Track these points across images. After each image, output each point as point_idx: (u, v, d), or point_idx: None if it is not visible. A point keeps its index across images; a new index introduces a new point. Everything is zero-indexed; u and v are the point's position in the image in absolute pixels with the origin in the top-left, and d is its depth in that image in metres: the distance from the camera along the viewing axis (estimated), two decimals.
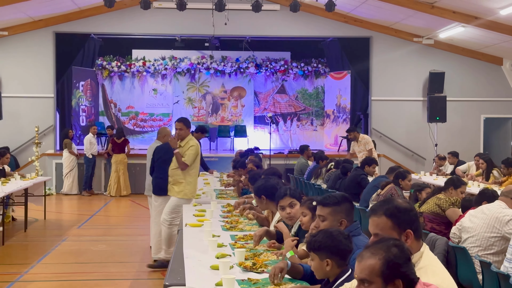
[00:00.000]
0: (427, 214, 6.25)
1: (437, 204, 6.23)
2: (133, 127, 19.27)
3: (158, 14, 16.14)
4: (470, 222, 5.30)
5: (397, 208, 2.90)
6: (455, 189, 6.43)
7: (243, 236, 5.24)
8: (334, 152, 17.82)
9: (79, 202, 14.66)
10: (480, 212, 5.28)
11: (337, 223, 3.69)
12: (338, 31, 16.94)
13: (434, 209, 6.22)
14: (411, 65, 16.98)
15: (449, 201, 6.24)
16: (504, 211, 5.13)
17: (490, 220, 5.14)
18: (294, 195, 4.78)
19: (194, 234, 5.40)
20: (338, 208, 3.72)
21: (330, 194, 3.91)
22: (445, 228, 6.16)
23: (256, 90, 19.54)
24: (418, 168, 16.69)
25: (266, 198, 5.56)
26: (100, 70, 18.86)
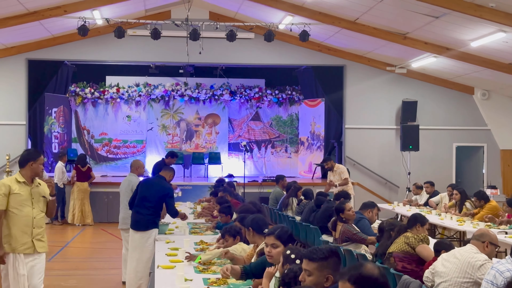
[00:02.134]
0: (397, 253, 6.25)
1: (406, 242, 6.24)
2: (107, 154, 19.13)
3: (132, 42, 16.09)
4: (443, 267, 5.31)
5: (362, 276, 2.88)
6: (421, 226, 6.48)
7: (216, 280, 5.18)
8: (308, 180, 17.85)
9: (51, 232, 14.41)
10: (453, 256, 5.29)
11: (323, 278, 3.58)
12: (312, 60, 17.04)
13: (404, 248, 6.23)
14: (384, 93, 17.13)
15: (417, 238, 6.27)
16: (476, 256, 5.15)
17: (462, 265, 5.15)
18: (281, 237, 4.71)
19: (166, 278, 5.32)
20: (325, 263, 3.59)
21: (317, 247, 3.81)
22: (416, 266, 6.17)
23: (230, 117, 19.55)
24: (391, 196, 16.78)
25: (253, 231, 5.59)
26: (73, 96, 18.73)
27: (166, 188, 7.98)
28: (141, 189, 8.01)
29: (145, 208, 7.80)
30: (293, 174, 19.08)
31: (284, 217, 10.88)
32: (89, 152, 18.81)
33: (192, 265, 5.84)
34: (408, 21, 12.89)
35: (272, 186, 15.22)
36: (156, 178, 8.28)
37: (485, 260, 5.12)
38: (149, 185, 7.99)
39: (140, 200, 7.89)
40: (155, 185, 7.98)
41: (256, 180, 16.77)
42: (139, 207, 7.89)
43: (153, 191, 7.86)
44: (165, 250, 6.73)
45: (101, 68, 18.44)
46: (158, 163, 12.46)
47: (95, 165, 18.69)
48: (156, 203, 7.85)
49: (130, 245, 7.99)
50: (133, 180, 8.72)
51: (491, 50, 13.12)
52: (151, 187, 7.91)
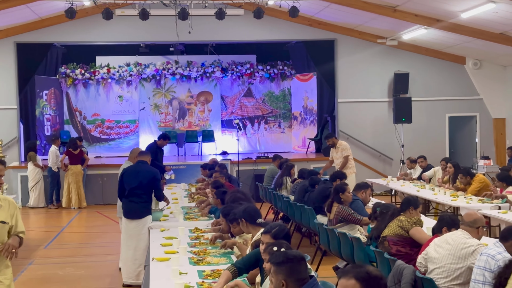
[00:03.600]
0: (391, 237, 6.26)
1: (399, 226, 6.25)
2: (100, 135, 19.05)
3: (121, 22, 15.90)
4: (436, 253, 5.31)
5: (368, 274, 2.91)
6: (415, 209, 6.47)
7: (210, 273, 5.18)
8: (303, 155, 17.85)
9: (46, 216, 14.45)
10: (445, 242, 5.29)
11: (279, 283, 3.51)
12: (303, 34, 16.91)
13: (398, 232, 6.24)
14: (375, 66, 17.05)
15: (411, 221, 6.27)
16: (468, 241, 5.15)
17: (455, 251, 5.15)
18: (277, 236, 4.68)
19: (161, 272, 5.32)
20: (278, 269, 3.54)
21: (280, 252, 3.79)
22: (410, 249, 6.18)
23: (222, 94, 19.46)
24: (385, 169, 16.82)
25: (246, 222, 5.58)
26: (63, 78, 18.58)
27: (153, 171, 8.04)
28: (127, 179, 7.99)
29: (137, 196, 7.85)
30: (287, 149, 19.09)
31: (279, 197, 10.89)
32: (82, 134, 18.70)
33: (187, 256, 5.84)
34: None
35: (266, 163, 15.26)
36: (139, 165, 8.14)
37: (477, 245, 5.13)
38: (136, 173, 7.96)
39: (131, 190, 7.89)
40: (142, 172, 7.96)
41: (250, 157, 16.75)
42: (131, 196, 7.90)
43: (141, 178, 7.89)
44: (159, 240, 6.72)
45: (90, 48, 18.27)
46: (150, 146, 12.40)
47: (88, 146, 18.59)
48: (147, 189, 7.89)
49: (125, 234, 7.98)
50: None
51: (482, 20, 13.03)
52: (138, 175, 7.92)
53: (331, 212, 7.91)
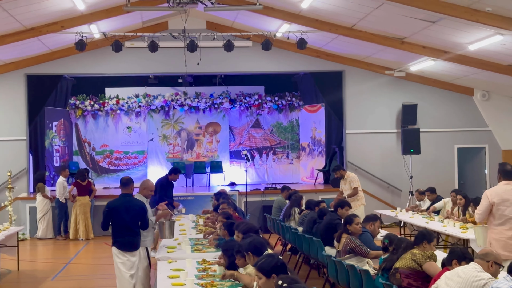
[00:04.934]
0: (404, 269, 6.20)
1: (413, 259, 6.18)
2: (108, 166, 19.11)
3: (130, 54, 16.06)
4: (446, 286, 5.26)
5: None
6: (429, 243, 6.41)
7: None
8: (311, 186, 17.82)
9: (54, 247, 14.43)
10: (456, 275, 5.24)
11: None
12: (311, 66, 17.00)
13: (411, 265, 6.18)
14: (384, 97, 17.08)
15: (425, 255, 6.21)
16: (479, 275, 5.09)
17: (466, 284, 5.09)
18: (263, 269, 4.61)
19: None
20: None
21: None
22: (422, 283, 6.11)
23: (231, 125, 19.53)
24: (394, 200, 16.74)
25: (253, 255, 5.56)
26: (73, 109, 18.72)
27: (140, 206, 7.99)
28: (117, 215, 7.88)
29: (133, 231, 7.88)
30: (295, 180, 19.07)
31: (287, 228, 10.85)
32: (90, 165, 18.80)
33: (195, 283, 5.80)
34: (405, 26, 12.85)
35: (275, 194, 15.22)
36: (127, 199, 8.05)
37: (488, 279, 5.07)
38: (126, 210, 7.87)
39: (124, 226, 7.85)
40: (131, 209, 7.88)
41: (259, 188, 16.73)
42: (127, 231, 7.86)
43: (133, 214, 7.86)
44: (167, 272, 6.69)
45: (100, 80, 18.44)
46: (161, 180, 12.40)
47: (97, 177, 18.69)
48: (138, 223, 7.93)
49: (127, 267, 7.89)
50: None
51: (489, 52, 13.07)
52: (129, 212, 7.85)
53: (340, 243, 7.86)
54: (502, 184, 7.64)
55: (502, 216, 7.51)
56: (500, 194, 7.56)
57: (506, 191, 7.55)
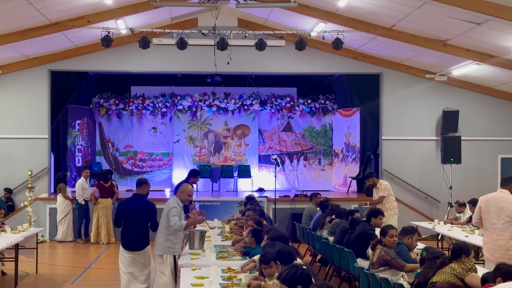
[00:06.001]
0: (442, 284, 6.13)
1: (453, 274, 6.11)
2: (132, 167, 19.28)
3: (158, 51, 16.18)
4: None
5: None
6: (467, 257, 6.33)
7: None
8: (343, 194, 17.74)
9: (74, 251, 14.58)
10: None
11: None
12: (346, 67, 16.95)
13: (451, 279, 6.10)
14: (423, 102, 16.94)
15: (465, 268, 6.15)
16: None
17: None
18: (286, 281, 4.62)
19: None
20: None
21: None
22: None
23: (260, 128, 19.56)
24: (432, 211, 16.58)
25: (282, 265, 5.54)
26: (97, 108, 18.93)
27: (149, 207, 8.50)
28: (125, 215, 8.47)
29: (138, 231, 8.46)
30: (327, 187, 19.02)
31: (317, 238, 10.81)
32: (113, 166, 18.99)
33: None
34: (448, 27, 12.73)
35: (305, 201, 15.16)
36: (136, 200, 8.56)
37: None
38: (134, 210, 8.42)
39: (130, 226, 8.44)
40: (139, 209, 8.42)
41: (288, 195, 16.72)
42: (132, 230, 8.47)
43: (140, 214, 8.41)
44: (190, 279, 6.71)
45: (125, 78, 18.62)
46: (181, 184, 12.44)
47: (120, 179, 18.88)
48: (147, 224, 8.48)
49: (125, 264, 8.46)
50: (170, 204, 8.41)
51: None
52: (136, 212, 8.41)
53: (375, 254, 7.80)
54: (497, 191, 8.56)
55: (485, 221, 8.51)
56: (489, 200, 8.50)
57: (494, 198, 8.47)
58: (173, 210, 8.21)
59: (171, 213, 8.20)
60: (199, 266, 7.49)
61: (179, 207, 8.33)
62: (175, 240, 8.28)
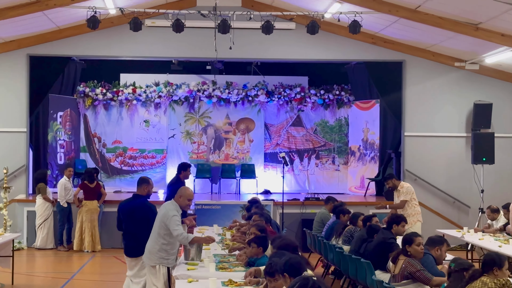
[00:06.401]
0: None
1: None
2: (121, 166, 19.31)
3: (151, 34, 16.21)
4: None
5: None
6: (500, 269, 6.33)
7: None
8: (360, 197, 17.75)
9: (55, 259, 14.61)
10: None
11: None
12: (365, 54, 16.97)
13: None
14: (452, 94, 16.95)
15: (498, 283, 6.15)
16: None
17: None
18: None
19: None
20: None
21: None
22: None
23: (267, 122, 19.57)
24: (460, 218, 16.59)
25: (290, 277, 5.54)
26: (82, 98, 18.95)
27: (146, 210, 8.76)
28: (123, 217, 8.88)
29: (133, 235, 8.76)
30: (342, 190, 19.04)
31: (330, 247, 10.82)
32: (100, 164, 19.03)
33: None
34: (481, 9, 12.71)
35: (317, 206, 15.22)
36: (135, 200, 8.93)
37: None
38: (130, 212, 8.82)
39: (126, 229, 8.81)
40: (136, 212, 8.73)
41: (297, 198, 16.72)
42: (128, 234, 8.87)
43: (136, 217, 8.72)
44: None
45: (114, 64, 18.63)
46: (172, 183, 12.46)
47: (107, 179, 18.92)
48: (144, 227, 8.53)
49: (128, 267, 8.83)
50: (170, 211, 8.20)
51: None
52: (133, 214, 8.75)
53: (396, 266, 7.79)
54: None
55: None
56: None
57: None
58: (175, 219, 8.11)
59: (173, 221, 8.08)
60: (196, 278, 7.49)
61: (179, 215, 8.27)
62: (170, 251, 8.27)
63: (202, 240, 8.53)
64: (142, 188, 8.93)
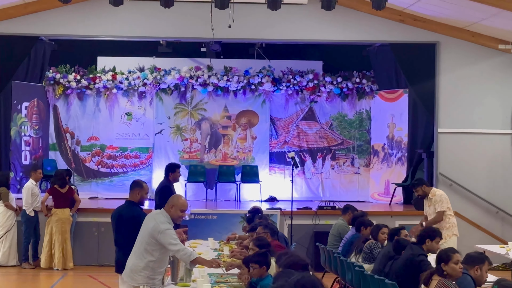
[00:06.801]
0: None
1: None
2: (98, 167, 19.29)
3: (134, 10, 16.24)
4: None
5: None
6: None
7: None
8: (385, 206, 17.72)
9: (18, 279, 14.61)
10: None
11: None
12: (391, 34, 16.97)
13: None
14: (495, 83, 16.96)
15: None
16: None
17: None
18: None
19: None
20: None
21: None
22: None
23: (273, 116, 19.60)
24: (505, 231, 16.59)
25: None
26: (51, 85, 18.93)
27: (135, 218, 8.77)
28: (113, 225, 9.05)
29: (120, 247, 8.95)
30: (363, 197, 19.06)
31: (348, 265, 10.79)
32: (73, 165, 19.00)
33: None
34: None
35: (332, 216, 15.17)
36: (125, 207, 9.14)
37: None
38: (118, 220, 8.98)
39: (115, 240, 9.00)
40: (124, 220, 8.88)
41: (309, 206, 16.71)
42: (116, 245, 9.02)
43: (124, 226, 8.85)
44: None
45: (90, 46, 18.58)
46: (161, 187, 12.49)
47: (82, 182, 18.90)
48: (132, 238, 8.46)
49: None
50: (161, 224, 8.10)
51: None
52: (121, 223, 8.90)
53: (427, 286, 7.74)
54: None
55: None
56: None
57: None
58: (169, 233, 7.99)
59: (167, 236, 7.96)
60: None
61: (172, 228, 8.17)
62: (158, 270, 8.16)
63: (207, 264, 8.36)
64: (134, 193, 9.00)
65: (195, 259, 8.04)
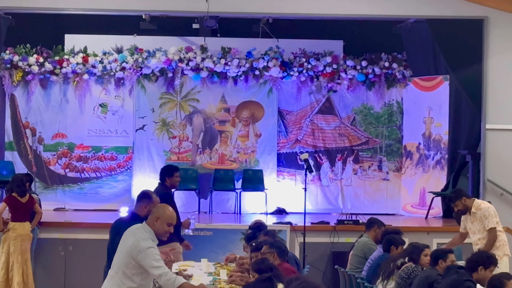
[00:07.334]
0: None
1: None
2: (65, 171, 19.27)
3: None
4: None
5: None
6: None
7: None
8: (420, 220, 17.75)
9: None
10: None
11: None
12: (428, 8, 17.04)
13: None
14: None
15: None
16: None
17: None
18: None
19: None
20: None
21: None
22: None
23: (282, 108, 19.67)
24: None
25: None
26: (8, 70, 18.95)
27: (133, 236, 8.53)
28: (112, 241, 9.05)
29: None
30: (394, 209, 19.06)
31: None
32: (34, 168, 18.99)
33: None
34: None
35: (354, 232, 15.22)
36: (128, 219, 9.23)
37: None
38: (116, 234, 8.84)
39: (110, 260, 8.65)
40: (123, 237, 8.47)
41: (326, 221, 16.79)
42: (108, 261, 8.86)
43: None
44: None
45: (56, 21, 18.64)
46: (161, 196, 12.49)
47: (45, 190, 18.94)
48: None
49: None
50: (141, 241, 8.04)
51: None
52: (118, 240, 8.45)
53: None
54: None
55: None
56: None
57: None
58: (151, 252, 7.89)
59: (149, 256, 7.87)
60: None
61: (155, 246, 8.10)
62: None
63: None
64: (141, 206, 9.09)
65: (182, 286, 7.91)
